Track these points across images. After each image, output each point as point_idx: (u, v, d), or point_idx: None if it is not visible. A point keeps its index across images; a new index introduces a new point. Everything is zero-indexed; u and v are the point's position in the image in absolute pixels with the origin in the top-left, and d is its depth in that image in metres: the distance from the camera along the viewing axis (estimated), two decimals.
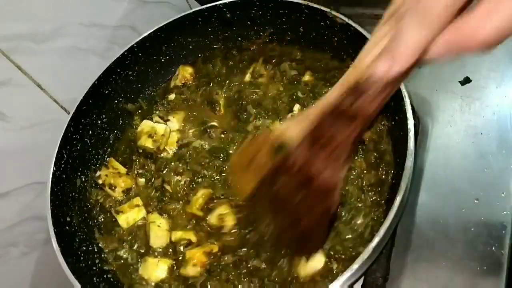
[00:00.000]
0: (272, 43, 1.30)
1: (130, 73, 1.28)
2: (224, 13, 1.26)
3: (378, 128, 1.04)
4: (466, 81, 1.09)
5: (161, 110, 1.29)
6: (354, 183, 0.98)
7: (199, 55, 1.37)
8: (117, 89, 1.26)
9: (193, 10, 1.26)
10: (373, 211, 0.94)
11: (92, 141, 1.20)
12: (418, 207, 0.96)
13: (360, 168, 1.00)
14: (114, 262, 1.06)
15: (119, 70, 1.24)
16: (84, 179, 1.15)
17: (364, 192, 0.97)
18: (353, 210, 0.95)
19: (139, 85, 1.32)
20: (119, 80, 1.25)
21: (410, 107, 0.90)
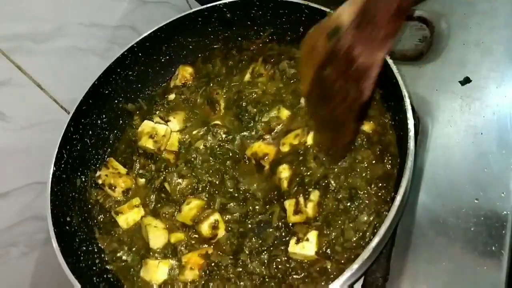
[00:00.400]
0: (272, 42, 1.30)
1: (130, 73, 1.28)
2: (224, 13, 1.26)
3: (382, 121, 1.04)
4: (466, 81, 1.09)
5: (161, 110, 1.29)
6: (363, 175, 0.98)
7: (199, 55, 1.37)
8: (117, 89, 1.26)
9: (193, 10, 1.26)
10: (379, 208, 0.93)
11: (92, 141, 1.20)
12: (418, 207, 0.96)
13: (368, 159, 0.99)
14: (115, 264, 1.06)
15: (119, 70, 1.24)
16: (84, 179, 1.15)
17: (371, 186, 0.96)
18: (361, 206, 0.95)
19: (139, 85, 1.32)
20: (119, 80, 1.25)
21: (410, 107, 0.90)
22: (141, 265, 1.03)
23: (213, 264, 0.99)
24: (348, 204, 0.95)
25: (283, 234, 0.98)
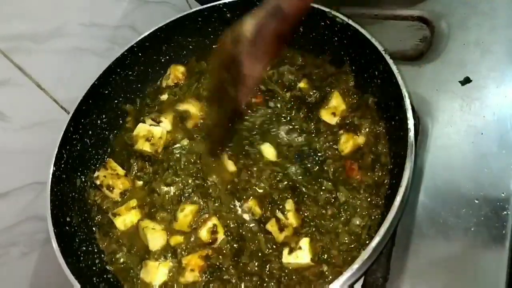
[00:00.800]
0: None
1: (130, 73, 1.28)
2: (224, 13, 1.26)
3: (376, 130, 1.05)
4: (466, 81, 1.09)
5: (153, 111, 1.27)
6: (346, 186, 0.99)
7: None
8: (117, 89, 1.26)
9: (193, 10, 1.26)
10: (371, 212, 0.95)
11: (92, 141, 1.20)
12: (418, 207, 0.96)
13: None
14: (114, 265, 1.05)
15: (119, 70, 1.24)
16: (84, 179, 1.15)
17: (358, 191, 0.97)
18: (349, 208, 0.96)
19: (139, 85, 1.32)
20: (119, 80, 1.25)
21: (410, 107, 0.90)
22: (141, 267, 1.03)
23: (213, 266, 0.98)
24: (335, 210, 0.96)
25: (277, 252, 0.97)
